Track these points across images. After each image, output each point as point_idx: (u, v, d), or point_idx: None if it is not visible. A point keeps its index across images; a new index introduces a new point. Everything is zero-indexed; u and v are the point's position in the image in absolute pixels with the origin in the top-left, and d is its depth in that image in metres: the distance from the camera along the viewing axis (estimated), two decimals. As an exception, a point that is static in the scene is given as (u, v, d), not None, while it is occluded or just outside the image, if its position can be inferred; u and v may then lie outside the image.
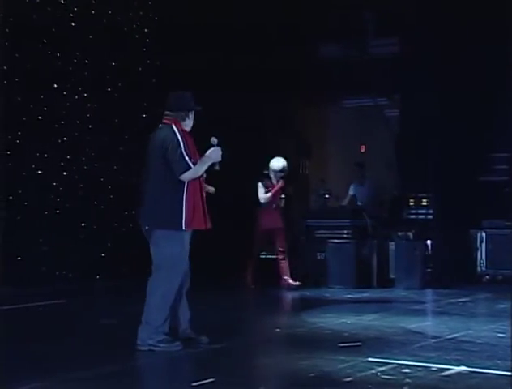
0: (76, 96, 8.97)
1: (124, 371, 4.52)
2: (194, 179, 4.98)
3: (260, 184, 8.98)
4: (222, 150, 5.09)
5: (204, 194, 5.08)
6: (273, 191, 8.87)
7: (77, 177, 9.01)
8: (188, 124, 5.12)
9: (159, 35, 9.77)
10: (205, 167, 5.03)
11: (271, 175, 8.97)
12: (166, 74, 9.27)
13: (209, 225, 5.13)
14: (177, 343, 4.99)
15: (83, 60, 9.03)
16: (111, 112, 9.28)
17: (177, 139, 4.94)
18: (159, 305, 4.94)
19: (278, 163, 8.95)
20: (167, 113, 5.13)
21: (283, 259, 8.82)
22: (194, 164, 4.94)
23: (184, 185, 4.94)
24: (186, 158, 4.91)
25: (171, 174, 4.93)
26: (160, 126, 5.11)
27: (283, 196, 9.02)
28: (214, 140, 5.09)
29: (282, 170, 8.92)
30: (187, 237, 5.03)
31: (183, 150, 4.92)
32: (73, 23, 8.93)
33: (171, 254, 4.94)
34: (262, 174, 9.02)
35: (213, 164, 5.08)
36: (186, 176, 4.91)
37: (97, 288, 8.75)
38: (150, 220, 5.04)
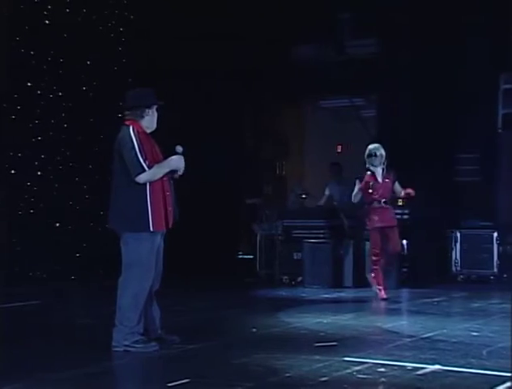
0: (51, 95, 8.89)
1: (100, 372, 4.48)
2: (158, 180, 4.91)
3: (357, 181, 7.77)
4: (185, 160, 5.00)
5: (169, 194, 5.00)
6: (361, 185, 7.64)
7: (52, 177, 8.93)
8: (148, 121, 5.01)
9: (135, 34, 9.71)
10: (163, 172, 4.93)
11: (370, 166, 7.68)
12: (142, 74, 9.22)
13: (170, 225, 5.05)
14: (154, 343, 4.96)
15: (57, 58, 8.95)
16: (86, 111, 9.21)
17: (132, 141, 4.86)
18: (131, 305, 4.91)
19: (368, 148, 7.70)
20: (126, 112, 5.08)
21: (387, 267, 7.73)
22: (150, 166, 4.86)
23: (146, 186, 4.88)
24: (141, 160, 4.83)
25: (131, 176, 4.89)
26: (122, 127, 5.04)
27: (402, 193, 7.67)
28: (179, 149, 5.01)
29: (369, 154, 7.63)
30: (157, 236, 4.99)
31: (137, 151, 4.83)
32: (47, 21, 8.84)
33: (140, 253, 4.91)
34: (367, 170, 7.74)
35: (173, 172, 5.02)
36: (142, 178, 4.84)
37: (72, 288, 8.67)
38: (118, 222, 5.00)
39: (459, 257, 9.45)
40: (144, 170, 4.84)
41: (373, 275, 7.71)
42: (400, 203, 9.17)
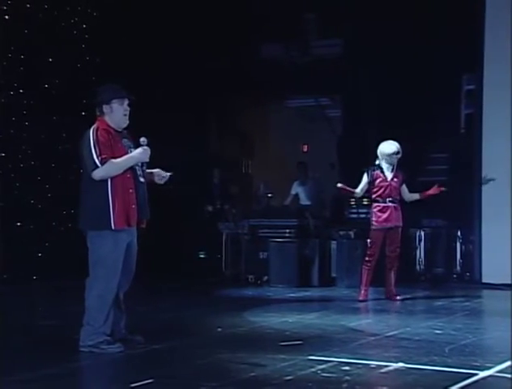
0: (11, 92, 8.72)
1: (63, 373, 4.41)
2: (118, 176, 4.86)
3: (365, 175, 7.53)
4: (151, 150, 4.97)
5: (132, 191, 4.92)
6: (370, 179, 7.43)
7: (13, 176, 8.76)
8: (113, 118, 4.96)
9: (98, 31, 9.58)
10: (122, 167, 4.87)
11: (383, 163, 7.47)
12: (106, 72, 9.11)
13: (141, 224, 5.05)
14: (118, 344, 4.91)
15: (18, 55, 8.78)
16: (48, 109, 9.06)
17: (89, 138, 4.86)
18: (97, 305, 4.87)
19: (391, 146, 7.46)
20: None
21: (391, 268, 7.51)
22: (103, 162, 4.81)
23: (107, 183, 4.85)
24: (94, 156, 4.81)
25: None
26: None
27: (418, 196, 7.59)
28: (144, 140, 4.98)
29: (397, 153, 7.42)
30: (121, 234, 4.92)
31: (92, 148, 4.83)
32: (7, 17, 8.66)
33: (105, 252, 4.87)
34: (374, 165, 7.56)
35: (142, 167, 4.99)
36: (96, 174, 4.82)
37: (34, 288, 8.52)
38: (82, 221, 4.99)
39: (423, 256, 9.55)
40: (97, 166, 4.82)
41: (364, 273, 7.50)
42: (366, 203, 9.24)
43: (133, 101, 5.04)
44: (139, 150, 4.97)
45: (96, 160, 4.81)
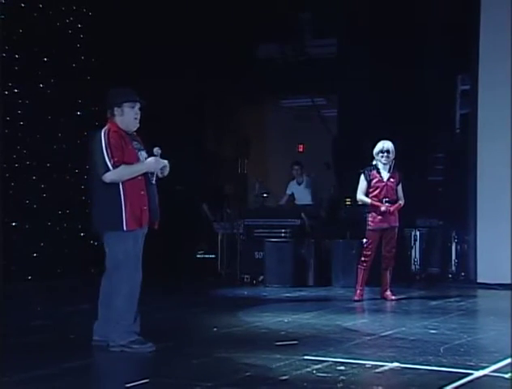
0: (6, 92, 8.70)
1: (58, 373, 4.39)
2: (131, 179, 4.86)
3: (362, 177, 7.38)
4: (165, 161, 4.98)
5: (143, 193, 4.92)
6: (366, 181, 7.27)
7: (8, 175, 8.74)
8: (121, 120, 4.97)
9: (94, 30, 9.57)
10: (134, 172, 4.88)
11: (379, 163, 7.37)
12: (101, 72, 9.10)
13: (153, 225, 5.05)
14: (150, 344, 4.90)
15: (12, 54, 8.76)
16: (44, 109, 9.05)
17: (101, 140, 4.86)
18: (126, 305, 4.87)
19: (378, 144, 7.33)
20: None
21: (387, 268, 7.49)
22: (115, 165, 4.81)
23: (119, 185, 4.85)
24: (106, 159, 4.82)
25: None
26: None
27: (401, 202, 7.41)
28: (157, 151, 4.99)
29: (383, 151, 7.28)
30: (138, 234, 4.93)
31: (104, 150, 4.83)
32: (3, 16, 8.65)
33: (125, 252, 4.87)
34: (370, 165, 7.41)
35: (151, 174, 4.99)
36: (107, 177, 4.82)
37: (30, 288, 8.50)
38: (97, 222, 5.00)
39: (419, 256, 9.56)
40: (108, 169, 4.81)
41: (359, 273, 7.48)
42: (361, 203, 9.24)
43: (144, 105, 5.02)
44: (152, 159, 4.96)
45: (108, 163, 4.81)
